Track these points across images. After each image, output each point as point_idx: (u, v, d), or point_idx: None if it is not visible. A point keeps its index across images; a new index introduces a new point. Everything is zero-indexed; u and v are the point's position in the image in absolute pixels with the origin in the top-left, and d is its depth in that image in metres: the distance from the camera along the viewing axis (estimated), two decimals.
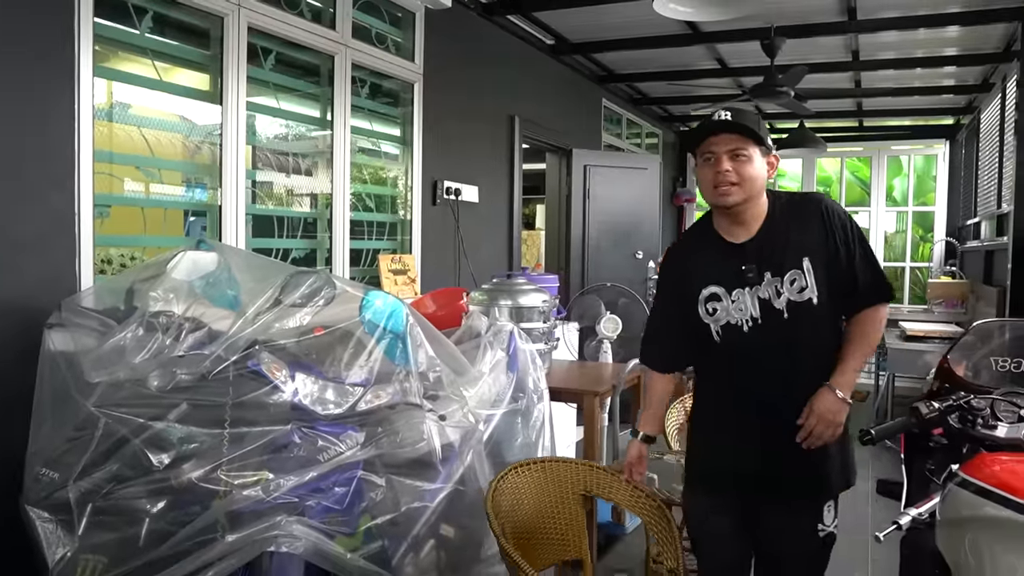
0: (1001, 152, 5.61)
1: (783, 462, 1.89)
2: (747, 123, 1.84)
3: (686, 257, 2.05)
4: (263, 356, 1.96)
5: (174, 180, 3.01)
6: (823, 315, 1.86)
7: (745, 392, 1.93)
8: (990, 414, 1.72)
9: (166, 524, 1.91)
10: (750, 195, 1.86)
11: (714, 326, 1.92)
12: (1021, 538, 1.25)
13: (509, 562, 1.90)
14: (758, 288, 1.87)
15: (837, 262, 1.86)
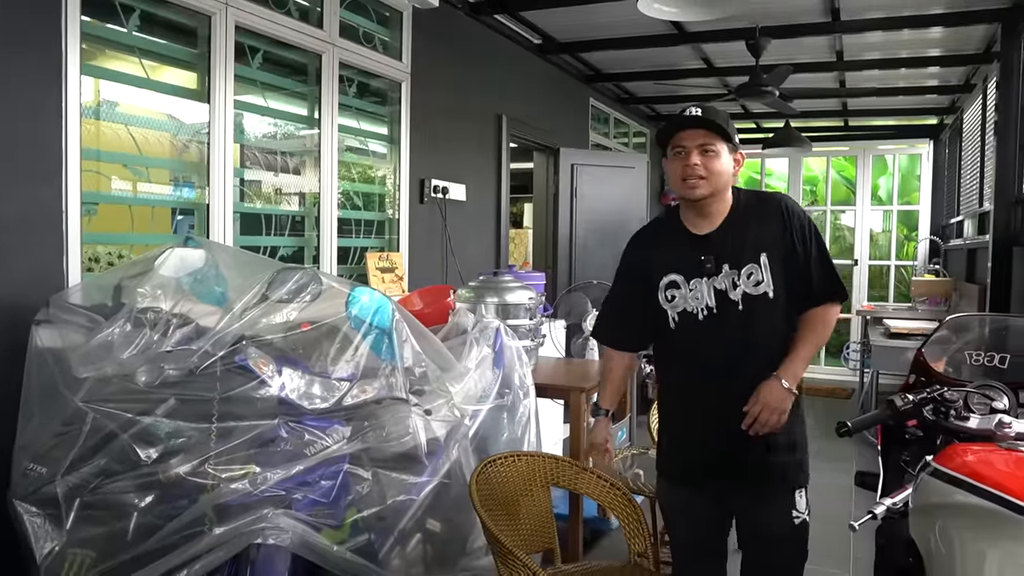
0: (983, 152, 5.69)
1: (743, 449, 1.96)
2: (717, 120, 1.92)
3: (650, 244, 2.13)
4: (250, 351, 1.98)
5: (162, 178, 3.01)
6: (777, 309, 1.94)
7: (701, 380, 2.01)
8: (963, 406, 1.76)
9: (154, 518, 1.92)
10: (716, 189, 1.94)
11: (671, 312, 2.00)
12: (989, 525, 1.29)
13: (500, 549, 1.93)
14: (715, 279, 1.95)
15: (794, 259, 1.94)
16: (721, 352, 1.96)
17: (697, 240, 2.00)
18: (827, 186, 9.36)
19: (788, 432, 1.98)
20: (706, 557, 2.14)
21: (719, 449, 2.00)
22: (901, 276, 9.20)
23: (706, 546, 2.13)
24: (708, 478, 2.04)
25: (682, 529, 2.15)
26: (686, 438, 2.09)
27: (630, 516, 2.33)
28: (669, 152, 1.99)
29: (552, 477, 2.44)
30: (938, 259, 7.74)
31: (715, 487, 2.04)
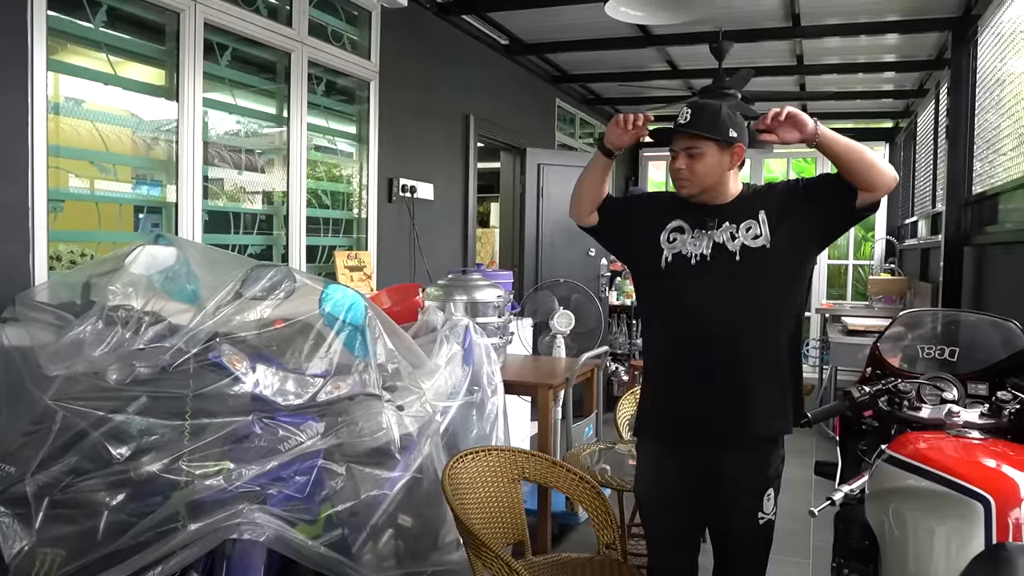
0: (935, 155, 5.87)
1: (728, 402, 1.99)
2: (700, 124, 2.00)
3: (663, 198, 2.22)
4: (224, 348, 1.99)
5: (129, 176, 3.00)
6: (775, 263, 1.97)
7: (686, 328, 2.03)
8: (915, 397, 1.85)
9: (126, 516, 1.92)
10: (704, 187, 2.03)
11: (667, 251, 2.05)
12: (938, 506, 1.36)
13: (473, 541, 1.97)
14: (715, 233, 2.02)
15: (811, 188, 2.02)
16: (706, 298, 1.99)
17: (706, 207, 2.08)
18: None
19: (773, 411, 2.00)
20: (683, 519, 2.12)
21: (704, 400, 2.01)
22: (859, 275, 9.43)
23: (683, 507, 2.10)
24: (691, 430, 2.05)
25: (657, 489, 2.13)
26: (671, 390, 2.10)
27: (598, 508, 2.39)
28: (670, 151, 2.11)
29: (522, 471, 2.49)
30: (894, 258, 7.95)
31: (696, 442, 2.04)
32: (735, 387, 1.98)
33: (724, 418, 2.00)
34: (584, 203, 2.26)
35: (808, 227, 1.99)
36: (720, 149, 2.01)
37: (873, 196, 1.92)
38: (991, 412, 1.74)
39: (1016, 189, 3.50)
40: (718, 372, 1.99)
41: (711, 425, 2.01)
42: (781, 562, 3.33)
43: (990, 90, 4.21)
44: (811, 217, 1.99)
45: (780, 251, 1.97)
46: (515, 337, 4.16)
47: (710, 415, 2.01)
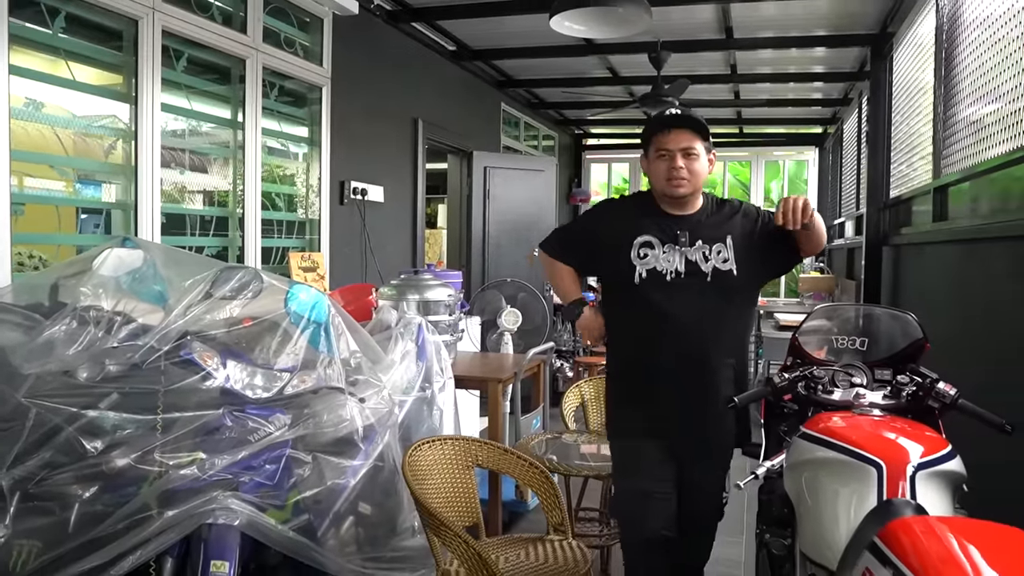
0: (858, 160, 6.24)
1: (697, 406, 2.19)
2: (699, 122, 2.16)
3: (627, 209, 2.31)
4: (195, 345, 2.10)
5: (88, 179, 3.05)
6: (739, 288, 2.18)
7: (660, 339, 2.17)
8: (829, 382, 2.07)
9: (102, 506, 2.01)
10: (696, 188, 2.18)
11: (640, 267, 2.16)
12: (841, 472, 1.58)
13: (433, 522, 2.12)
14: (687, 250, 2.16)
15: (765, 234, 2.19)
16: (685, 314, 2.13)
17: (672, 217, 2.20)
18: (724, 188, 9.94)
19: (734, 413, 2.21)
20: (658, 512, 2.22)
21: (673, 404, 2.19)
22: (791, 273, 9.85)
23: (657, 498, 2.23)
24: (663, 431, 2.22)
25: (636, 480, 2.25)
26: (642, 393, 2.24)
27: (548, 492, 2.56)
28: (651, 153, 2.19)
29: (476, 459, 2.65)
30: (823, 258, 8.36)
31: (669, 442, 2.22)
32: (703, 395, 2.17)
33: (693, 423, 2.20)
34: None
35: (764, 263, 2.23)
36: (705, 152, 2.18)
37: (808, 257, 2.32)
38: (892, 394, 1.98)
39: (924, 194, 3.81)
40: (688, 381, 2.16)
41: (682, 427, 2.20)
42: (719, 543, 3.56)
43: (904, 101, 4.54)
44: (767, 257, 2.21)
45: (743, 278, 2.17)
46: (465, 334, 4.32)
47: (681, 418, 2.19)
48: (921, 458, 1.52)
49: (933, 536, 1.13)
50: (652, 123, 2.22)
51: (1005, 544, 1.10)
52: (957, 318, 3.13)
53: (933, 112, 3.70)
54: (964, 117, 3.26)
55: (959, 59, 3.35)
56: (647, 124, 2.25)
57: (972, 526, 1.17)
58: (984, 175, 2.91)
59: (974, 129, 3.10)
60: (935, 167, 3.65)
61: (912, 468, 1.49)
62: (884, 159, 4.91)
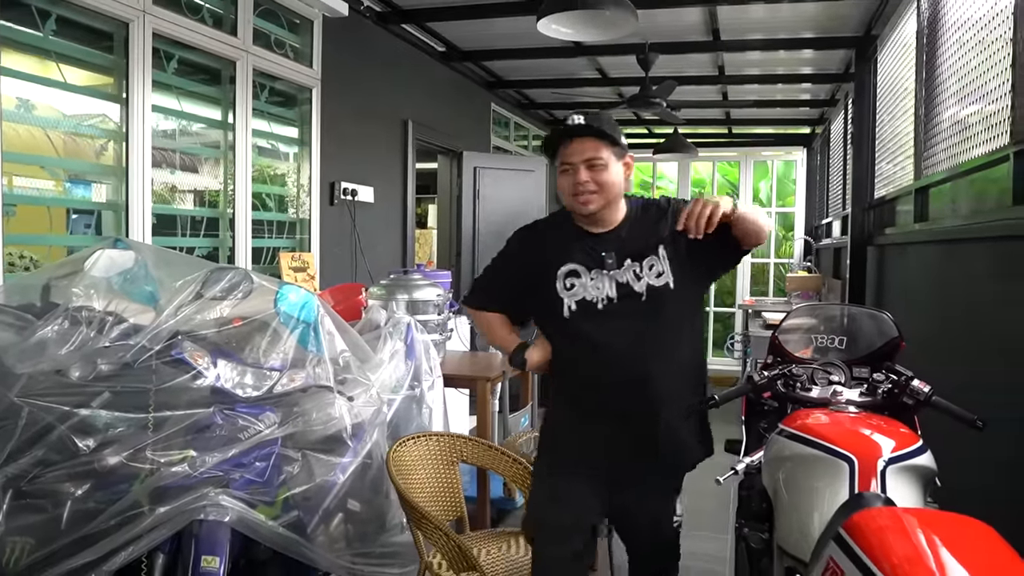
0: (845, 160, 6.30)
1: (643, 438, 2.01)
2: (601, 126, 1.92)
3: (543, 237, 2.12)
4: (186, 345, 2.13)
5: (79, 179, 3.08)
6: (679, 301, 1.98)
7: (598, 371, 1.99)
8: (808, 380, 2.13)
9: (94, 503, 2.04)
10: (609, 200, 1.97)
11: (568, 300, 1.98)
12: (816, 466, 1.63)
13: (415, 515, 2.16)
14: (616, 272, 1.97)
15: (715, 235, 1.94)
16: (621, 343, 1.95)
17: (594, 237, 2.02)
18: (713, 189, 10.00)
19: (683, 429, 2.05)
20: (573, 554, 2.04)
21: (615, 437, 2.01)
22: (779, 272, 9.93)
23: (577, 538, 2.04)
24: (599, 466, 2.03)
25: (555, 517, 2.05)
26: (580, 427, 2.07)
27: None
28: (558, 167, 1.99)
29: (461, 455, 2.69)
30: (811, 257, 8.44)
31: (604, 478, 2.04)
32: (650, 425, 1.99)
33: (639, 453, 2.02)
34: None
35: (705, 266, 2.04)
36: (617, 159, 1.97)
37: (753, 248, 2.05)
38: (868, 391, 2.03)
39: (906, 195, 3.87)
40: (633, 411, 1.99)
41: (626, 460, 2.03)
42: (704, 538, 3.64)
43: (888, 102, 4.60)
44: (703, 259, 2.01)
45: (682, 289, 1.98)
46: (454, 334, 4.36)
47: (624, 450, 2.02)
48: (892, 453, 1.57)
49: (893, 526, 1.17)
50: (550, 135, 2.01)
51: (963, 533, 1.15)
52: (938, 318, 3.19)
53: (915, 114, 3.76)
54: (944, 119, 3.32)
55: (939, 62, 3.41)
56: (547, 135, 2.04)
57: (933, 517, 1.22)
58: (962, 177, 2.96)
59: (954, 131, 3.15)
60: (916, 168, 3.71)
61: (883, 462, 1.54)
62: (869, 160, 4.97)
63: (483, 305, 2.21)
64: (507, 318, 2.20)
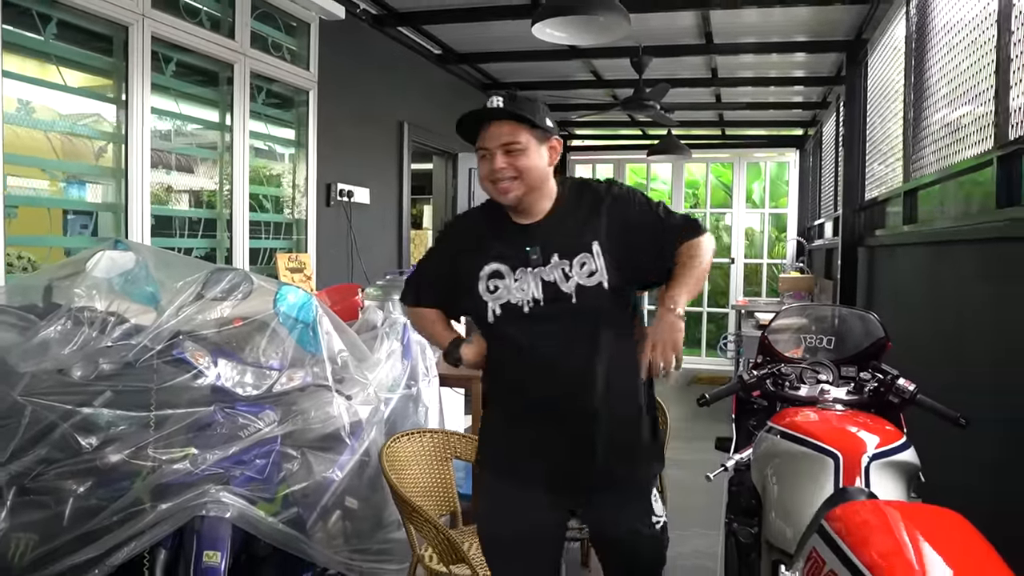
0: (837, 162, 6.36)
1: (582, 449, 1.84)
2: (517, 108, 1.77)
3: (471, 231, 1.96)
4: (187, 345, 2.17)
5: (77, 180, 3.11)
6: (614, 301, 1.81)
7: (528, 381, 1.85)
8: (796, 379, 2.17)
9: (97, 500, 2.09)
10: (530, 187, 1.80)
11: (492, 304, 1.82)
12: (802, 462, 1.67)
13: (406, 508, 2.20)
14: (542, 270, 1.80)
15: (643, 230, 1.82)
16: (550, 348, 1.80)
17: (521, 229, 1.85)
18: (707, 190, 10.06)
19: (633, 430, 1.89)
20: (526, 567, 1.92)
21: (553, 451, 1.85)
22: (772, 273, 10.00)
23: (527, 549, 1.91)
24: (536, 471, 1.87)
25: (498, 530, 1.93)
26: (508, 431, 1.93)
27: None
28: (477, 152, 1.84)
29: (454, 451, 2.74)
30: (804, 257, 8.50)
31: (546, 483, 1.88)
32: (587, 431, 1.83)
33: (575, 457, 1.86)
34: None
35: (644, 266, 1.86)
36: (539, 143, 1.80)
37: None
38: (855, 390, 2.08)
39: (896, 197, 3.93)
40: (565, 415, 1.82)
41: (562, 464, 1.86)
42: (694, 535, 3.69)
43: (878, 105, 4.66)
44: (646, 258, 1.85)
45: (615, 287, 1.80)
46: None
47: (559, 454, 1.85)
48: (876, 449, 1.62)
49: (874, 518, 1.22)
50: (461, 118, 1.83)
51: (941, 525, 1.20)
52: (926, 318, 3.24)
53: (904, 117, 3.82)
54: (932, 122, 3.37)
55: (928, 66, 3.46)
56: (461, 118, 1.84)
57: (912, 509, 1.27)
58: (949, 180, 3.02)
59: (942, 134, 3.21)
60: (905, 170, 3.76)
61: (867, 458, 1.58)
62: (859, 162, 5.03)
63: (416, 301, 2.04)
64: (443, 313, 2.04)
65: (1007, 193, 2.31)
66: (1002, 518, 2.07)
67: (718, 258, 9.69)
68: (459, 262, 1.90)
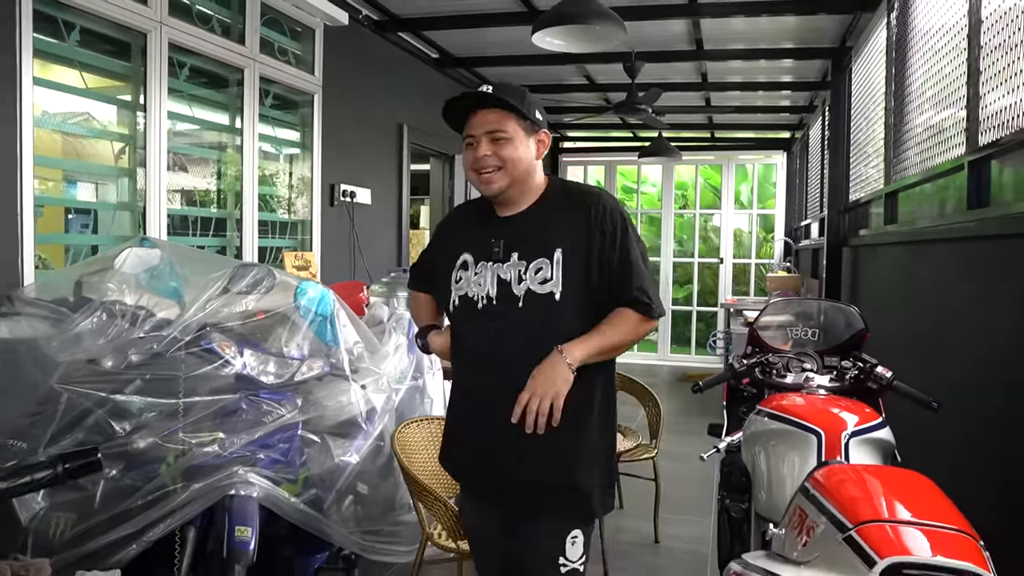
0: (823, 164, 6.55)
1: (511, 462, 1.74)
2: (506, 96, 1.71)
3: (460, 220, 1.98)
4: (214, 336, 2.32)
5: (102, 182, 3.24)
6: (563, 314, 1.69)
7: (473, 378, 1.82)
8: (783, 367, 2.34)
9: (130, 481, 2.23)
10: (515, 178, 1.73)
11: (454, 295, 1.80)
12: (788, 440, 1.84)
13: (417, 488, 2.35)
14: (500, 267, 1.73)
15: (601, 265, 1.71)
16: (492, 351, 1.73)
17: (497, 221, 1.80)
18: (696, 191, 10.26)
19: (571, 450, 1.72)
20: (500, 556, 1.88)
21: (486, 460, 1.78)
22: (760, 273, 10.20)
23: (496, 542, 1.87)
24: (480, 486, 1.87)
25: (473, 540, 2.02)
26: (455, 432, 1.90)
27: None
28: (463, 141, 1.79)
29: None
30: (791, 257, 8.70)
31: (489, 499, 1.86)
32: (509, 451, 1.73)
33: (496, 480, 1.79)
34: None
35: (597, 289, 1.73)
36: (527, 134, 1.74)
37: None
38: (837, 377, 2.25)
39: (878, 199, 4.11)
40: (497, 430, 1.72)
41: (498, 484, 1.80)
42: (687, 522, 3.86)
43: (862, 110, 4.85)
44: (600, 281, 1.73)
45: (567, 301, 1.69)
46: None
47: (483, 472, 1.81)
48: (855, 427, 1.78)
49: (848, 475, 1.39)
50: (449, 101, 1.78)
51: (906, 481, 1.37)
52: (905, 315, 3.42)
53: (885, 122, 4.00)
54: (912, 126, 3.55)
55: (907, 73, 3.65)
56: (448, 102, 1.79)
57: (881, 468, 1.45)
58: (926, 183, 3.20)
59: (921, 138, 3.39)
60: (887, 173, 3.94)
61: (846, 435, 1.75)
62: (844, 165, 5.22)
63: (414, 285, 2.07)
64: (433, 301, 2.02)
65: (977, 196, 2.49)
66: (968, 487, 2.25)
67: (708, 258, 9.95)
68: (445, 250, 1.89)
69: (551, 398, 1.62)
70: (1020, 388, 2.10)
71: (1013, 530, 2.00)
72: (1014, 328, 2.16)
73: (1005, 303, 2.24)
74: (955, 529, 1.14)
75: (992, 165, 2.46)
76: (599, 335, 1.69)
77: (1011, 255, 2.21)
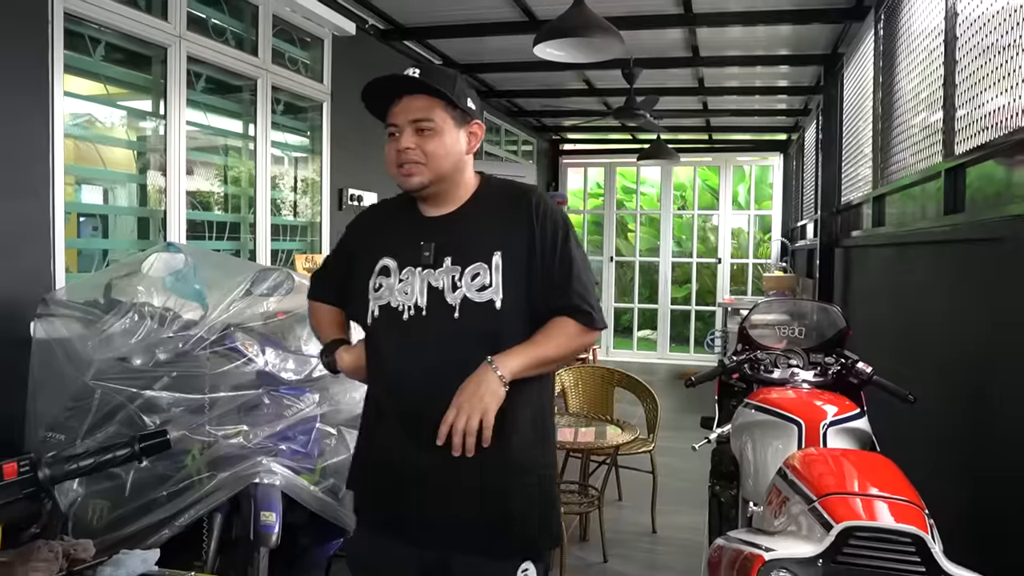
0: (817, 166, 6.71)
1: (443, 494, 1.53)
2: (433, 82, 1.52)
3: (376, 221, 1.75)
4: (238, 335, 2.47)
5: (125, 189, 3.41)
6: (505, 323, 1.52)
7: (396, 400, 1.59)
8: (771, 363, 2.50)
9: (163, 470, 2.39)
10: (440, 174, 1.56)
11: (373, 305, 1.60)
12: (772, 430, 2.00)
13: None
14: (431, 273, 1.55)
15: (536, 266, 1.55)
16: (421, 367, 1.53)
17: (423, 222, 1.62)
18: (694, 193, 10.42)
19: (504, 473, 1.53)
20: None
21: (408, 489, 1.56)
22: (758, 272, 10.37)
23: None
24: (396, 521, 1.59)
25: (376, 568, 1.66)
26: (377, 466, 1.64)
27: None
28: (386, 131, 1.61)
29: None
30: (787, 257, 8.86)
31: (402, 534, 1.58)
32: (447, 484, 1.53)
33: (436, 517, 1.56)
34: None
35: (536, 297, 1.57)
36: (456, 124, 1.57)
37: None
38: (821, 372, 2.41)
39: (867, 201, 4.27)
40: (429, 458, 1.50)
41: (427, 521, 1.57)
42: (682, 512, 4.01)
43: (853, 114, 5.01)
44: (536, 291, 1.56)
45: (509, 310, 1.52)
46: None
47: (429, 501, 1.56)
48: (833, 417, 1.94)
49: (818, 457, 1.55)
50: (368, 84, 1.59)
51: (870, 463, 1.53)
52: (891, 313, 3.58)
53: (873, 126, 4.16)
54: (899, 132, 3.71)
55: (895, 80, 3.80)
56: (368, 85, 1.60)
57: (846, 452, 1.61)
58: (908, 188, 3.36)
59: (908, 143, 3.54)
60: (875, 177, 4.10)
61: (825, 425, 1.91)
62: (836, 167, 5.37)
63: (316, 296, 1.86)
64: (341, 314, 1.81)
65: (953, 201, 2.64)
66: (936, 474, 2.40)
67: (706, 258, 10.12)
68: (358, 256, 1.69)
69: (479, 414, 1.42)
70: (988, 384, 2.26)
71: (981, 508, 2.16)
72: (982, 329, 2.32)
73: (975, 306, 2.40)
74: (904, 500, 1.30)
75: (968, 172, 2.61)
76: (535, 346, 1.51)
77: (980, 259, 2.37)
